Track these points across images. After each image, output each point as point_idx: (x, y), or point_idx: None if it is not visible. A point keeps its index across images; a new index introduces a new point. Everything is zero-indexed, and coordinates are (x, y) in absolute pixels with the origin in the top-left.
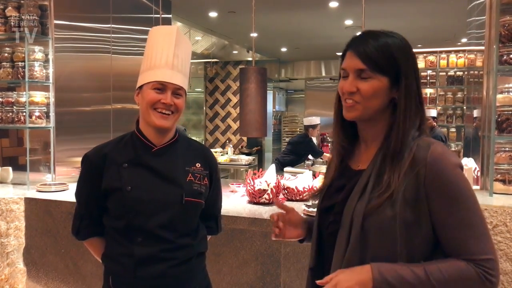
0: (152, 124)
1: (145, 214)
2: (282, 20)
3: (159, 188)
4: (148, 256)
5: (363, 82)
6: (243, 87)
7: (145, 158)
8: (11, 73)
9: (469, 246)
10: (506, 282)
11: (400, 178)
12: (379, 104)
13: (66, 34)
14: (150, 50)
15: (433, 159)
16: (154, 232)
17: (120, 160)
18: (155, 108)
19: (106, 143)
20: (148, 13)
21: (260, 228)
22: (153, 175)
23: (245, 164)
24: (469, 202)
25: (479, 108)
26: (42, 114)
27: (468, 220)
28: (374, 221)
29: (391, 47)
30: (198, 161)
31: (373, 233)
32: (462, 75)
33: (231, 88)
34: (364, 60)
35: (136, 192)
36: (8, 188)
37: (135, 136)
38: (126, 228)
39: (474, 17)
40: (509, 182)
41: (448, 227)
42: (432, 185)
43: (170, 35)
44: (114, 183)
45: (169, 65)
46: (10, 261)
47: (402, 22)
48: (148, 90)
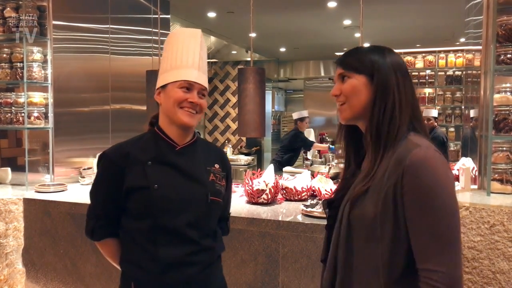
0: (178, 121)
1: (172, 213)
2: (281, 20)
3: (184, 187)
4: (174, 260)
5: (343, 84)
6: (241, 88)
7: (170, 157)
8: (9, 73)
9: (426, 255)
10: (504, 281)
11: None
12: (362, 101)
13: (65, 34)
14: (175, 50)
15: (411, 162)
16: (180, 231)
17: (143, 158)
18: (181, 106)
19: (124, 142)
20: (146, 13)
21: (258, 228)
22: (178, 173)
23: (244, 164)
24: (440, 211)
25: (476, 108)
26: (41, 114)
27: (432, 228)
28: (357, 218)
29: (363, 49)
30: (217, 162)
31: (356, 231)
32: (460, 75)
33: (230, 88)
34: (341, 65)
35: (163, 191)
36: (6, 188)
37: (157, 135)
38: (150, 229)
39: (472, 16)
40: (507, 182)
41: (413, 232)
42: (407, 188)
43: (195, 37)
44: (139, 182)
45: (195, 66)
46: (9, 262)
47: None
48: (175, 89)
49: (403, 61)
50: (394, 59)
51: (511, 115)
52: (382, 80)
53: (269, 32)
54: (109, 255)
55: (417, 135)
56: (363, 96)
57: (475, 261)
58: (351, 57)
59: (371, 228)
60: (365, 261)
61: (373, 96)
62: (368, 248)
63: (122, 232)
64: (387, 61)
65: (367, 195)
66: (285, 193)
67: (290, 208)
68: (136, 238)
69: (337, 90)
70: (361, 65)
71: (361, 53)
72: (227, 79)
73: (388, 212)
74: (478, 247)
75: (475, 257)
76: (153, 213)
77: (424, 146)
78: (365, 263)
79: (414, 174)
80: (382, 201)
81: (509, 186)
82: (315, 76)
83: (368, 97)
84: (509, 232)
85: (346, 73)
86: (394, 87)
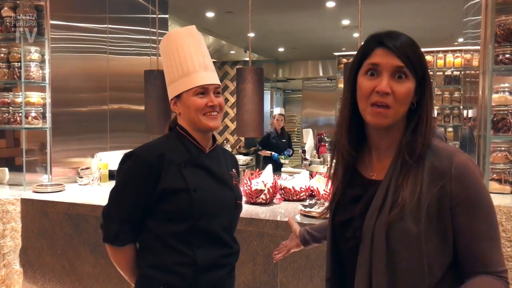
0: (205, 127)
1: (209, 216)
2: (279, 20)
3: (218, 190)
4: (210, 262)
5: (398, 84)
6: (240, 87)
7: (202, 160)
8: (7, 73)
9: (491, 259)
10: None
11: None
12: (406, 110)
13: (62, 34)
14: (177, 55)
15: (458, 172)
16: (217, 234)
17: (177, 160)
18: (204, 113)
19: (154, 143)
20: (144, 13)
21: (257, 228)
22: (211, 177)
23: (243, 164)
24: (490, 214)
25: (475, 107)
26: (39, 114)
27: (488, 232)
28: (399, 240)
29: (414, 44)
30: (233, 167)
31: (399, 252)
32: (459, 75)
33: (228, 88)
34: (401, 56)
35: (201, 193)
36: (4, 189)
37: (184, 138)
38: (188, 232)
39: (470, 16)
40: (505, 182)
41: (471, 239)
42: (458, 199)
43: (193, 36)
44: (177, 184)
45: (203, 67)
46: (7, 262)
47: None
48: (191, 98)
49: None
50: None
51: (509, 115)
52: (429, 85)
53: (268, 32)
54: (125, 262)
55: (437, 139)
56: (408, 104)
57: None
58: (411, 50)
59: (415, 248)
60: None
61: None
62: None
63: (149, 236)
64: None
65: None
66: (283, 193)
67: (289, 208)
68: (170, 242)
69: (387, 87)
70: (419, 65)
71: (418, 49)
72: (226, 79)
73: (432, 227)
74: None
75: None
76: (192, 215)
77: (456, 151)
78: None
79: (465, 183)
80: (424, 216)
81: (508, 186)
82: (314, 76)
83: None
84: (507, 232)
85: (406, 70)
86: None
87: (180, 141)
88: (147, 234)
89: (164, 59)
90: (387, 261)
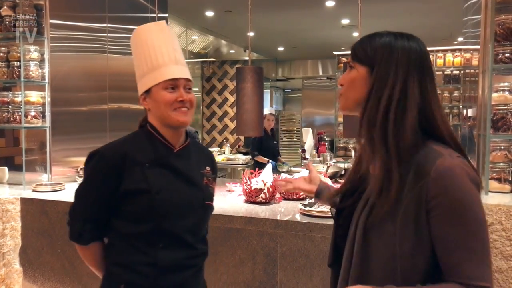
0: (174, 123)
1: (174, 217)
2: (279, 19)
3: (184, 191)
4: (172, 263)
5: (348, 72)
6: (239, 87)
7: (168, 159)
8: (6, 72)
9: (465, 270)
10: (502, 280)
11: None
12: (357, 93)
13: (62, 33)
14: (146, 50)
15: (438, 174)
16: (180, 236)
17: (142, 160)
18: (174, 108)
19: (120, 140)
20: (144, 12)
21: (256, 228)
22: (177, 177)
23: (243, 163)
24: (472, 224)
25: (474, 107)
26: (38, 114)
27: (467, 243)
28: (375, 235)
29: (373, 39)
30: (208, 164)
31: (374, 247)
32: (458, 74)
33: (228, 87)
34: (350, 53)
35: (164, 194)
36: (4, 188)
37: (152, 136)
38: (151, 233)
39: (470, 16)
40: (505, 181)
41: (446, 247)
42: (434, 202)
43: (162, 31)
44: (139, 185)
45: (173, 61)
46: (6, 262)
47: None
48: (160, 92)
49: (419, 51)
50: (404, 50)
51: (509, 114)
52: (380, 75)
53: (267, 31)
54: (92, 259)
55: (438, 144)
56: (359, 89)
57: None
58: (360, 45)
59: (389, 245)
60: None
61: (369, 90)
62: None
63: (114, 235)
64: (394, 52)
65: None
66: (283, 192)
67: (288, 207)
68: (133, 242)
69: (342, 79)
70: (365, 55)
71: (370, 41)
72: (225, 78)
73: (408, 229)
74: None
75: None
76: (155, 217)
77: (447, 155)
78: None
79: (443, 185)
80: (401, 217)
81: (507, 185)
82: (313, 75)
83: (363, 91)
84: (507, 231)
85: (351, 62)
86: (391, 84)
87: (148, 139)
88: (112, 233)
89: (134, 54)
90: (362, 255)
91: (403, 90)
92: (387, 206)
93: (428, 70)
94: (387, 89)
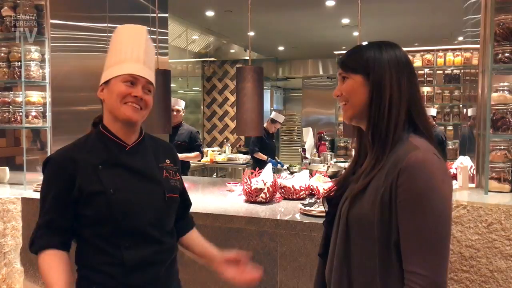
0: (122, 117)
1: (133, 215)
2: (279, 19)
3: (141, 187)
4: (139, 260)
5: (343, 84)
6: (239, 87)
7: (121, 158)
8: (7, 73)
9: (411, 257)
10: (501, 279)
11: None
12: (361, 100)
13: (63, 33)
14: (119, 45)
15: (408, 165)
16: (143, 232)
17: (94, 162)
18: (125, 102)
19: (69, 146)
20: (144, 12)
21: (256, 227)
22: (132, 174)
23: (243, 163)
24: (429, 216)
25: (474, 106)
26: (39, 114)
27: (420, 232)
28: (355, 218)
29: (361, 48)
30: (167, 157)
31: (355, 230)
32: (459, 74)
33: (228, 87)
34: (340, 66)
35: (120, 194)
36: (5, 188)
37: (103, 135)
38: (112, 234)
39: (470, 15)
40: (504, 180)
41: (402, 233)
42: (400, 189)
43: (140, 34)
44: (93, 187)
45: (140, 60)
46: (7, 261)
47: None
48: (118, 83)
49: (403, 55)
50: (391, 55)
51: (508, 113)
52: (376, 78)
53: (268, 31)
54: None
55: (418, 137)
56: (361, 95)
57: (473, 259)
58: (349, 57)
59: (368, 228)
60: (363, 259)
61: (370, 95)
62: (365, 247)
63: (79, 239)
64: (383, 58)
65: (365, 195)
66: (283, 192)
67: (289, 207)
68: (96, 244)
69: (338, 91)
70: (357, 65)
71: (358, 53)
72: (226, 78)
73: (384, 213)
74: (476, 246)
75: (473, 256)
76: (114, 218)
77: (423, 149)
78: (363, 261)
79: (409, 176)
80: (379, 202)
81: (507, 184)
82: (314, 75)
83: (365, 96)
84: (506, 230)
85: (344, 73)
86: (388, 85)
87: (99, 140)
88: (77, 237)
89: (109, 49)
90: (345, 235)
91: (399, 90)
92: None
93: (412, 69)
94: (387, 91)
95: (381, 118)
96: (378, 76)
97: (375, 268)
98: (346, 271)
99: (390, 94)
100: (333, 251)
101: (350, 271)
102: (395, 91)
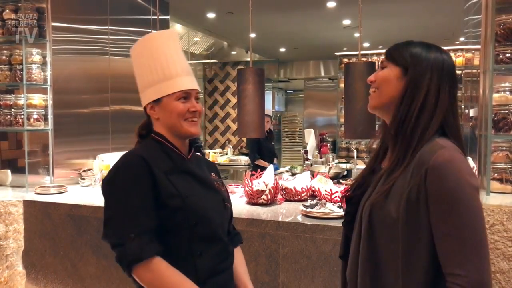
0: (186, 134)
1: (206, 221)
2: (280, 20)
3: (207, 195)
4: (211, 268)
5: (380, 71)
6: (240, 88)
7: (186, 165)
8: (9, 75)
9: (452, 260)
10: (504, 280)
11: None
12: (391, 92)
13: (64, 36)
14: (157, 59)
15: (436, 164)
16: (215, 237)
17: (163, 168)
18: (185, 118)
19: (135, 150)
20: (145, 14)
21: (258, 229)
22: (197, 182)
23: (245, 164)
24: (465, 215)
25: (476, 107)
26: (40, 116)
27: (457, 233)
28: (378, 218)
29: (409, 43)
30: (212, 170)
31: (378, 230)
32: (460, 74)
33: (230, 89)
34: (385, 55)
35: (192, 199)
36: (7, 190)
37: (164, 145)
38: (188, 240)
39: (471, 16)
40: (506, 181)
41: (438, 236)
42: (431, 191)
43: (174, 40)
44: (169, 190)
45: (185, 72)
46: (9, 264)
47: (399, 21)
48: (174, 102)
49: (451, 64)
50: (437, 59)
51: (510, 114)
52: (415, 76)
53: (269, 33)
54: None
55: (444, 139)
56: (393, 87)
57: None
58: (395, 49)
59: (392, 230)
60: (388, 260)
61: (403, 91)
62: (390, 248)
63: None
64: (429, 59)
65: (389, 196)
66: (285, 193)
67: (290, 208)
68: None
69: (373, 76)
70: (400, 57)
71: (405, 46)
72: (227, 79)
73: (410, 215)
74: None
75: None
76: (188, 223)
77: (449, 148)
78: (388, 261)
79: (438, 176)
80: (404, 203)
81: (509, 185)
82: (315, 76)
83: (398, 90)
84: (508, 231)
85: (385, 62)
86: (426, 86)
87: (160, 148)
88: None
89: (139, 62)
90: (368, 237)
91: (436, 96)
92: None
93: (456, 81)
94: (422, 92)
95: (408, 118)
96: (417, 74)
97: (398, 270)
98: (370, 272)
99: (425, 96)
100: (355, 252)
101: (374, 272)
102: (432, 95)
